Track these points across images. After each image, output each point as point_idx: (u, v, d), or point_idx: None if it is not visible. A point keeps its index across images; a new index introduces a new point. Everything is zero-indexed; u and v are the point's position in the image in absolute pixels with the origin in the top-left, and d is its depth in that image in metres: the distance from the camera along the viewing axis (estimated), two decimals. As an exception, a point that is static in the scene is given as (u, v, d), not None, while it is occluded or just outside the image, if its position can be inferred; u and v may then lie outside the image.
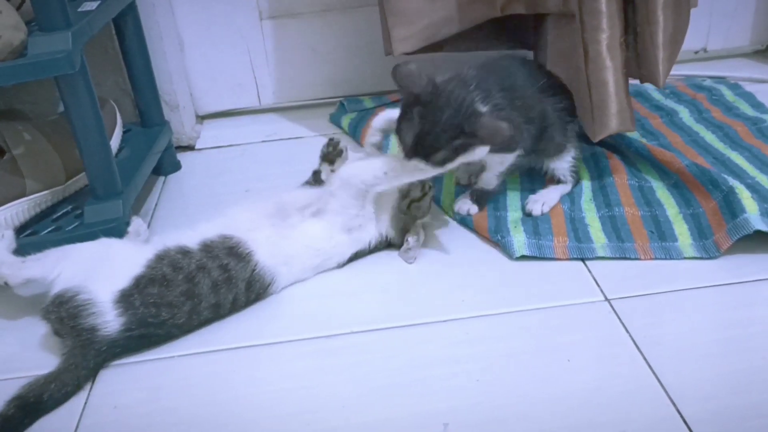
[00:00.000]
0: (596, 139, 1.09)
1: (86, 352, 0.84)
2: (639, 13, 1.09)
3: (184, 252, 0.91)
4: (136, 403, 0.82)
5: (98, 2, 1.08)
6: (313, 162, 1.11)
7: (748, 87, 1.47)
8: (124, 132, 1.27)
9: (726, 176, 1.05)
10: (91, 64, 1.00)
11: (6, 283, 0.91)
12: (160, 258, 0.89)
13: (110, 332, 0.85)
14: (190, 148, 1.47)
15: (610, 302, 0.91)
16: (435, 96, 0.91)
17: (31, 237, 1.03)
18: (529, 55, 1.42)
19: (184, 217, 1.18)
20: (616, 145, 1.24)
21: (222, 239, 0.93)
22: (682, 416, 0.73)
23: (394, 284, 0.99)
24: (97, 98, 1.00)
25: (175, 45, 1.46)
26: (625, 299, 0.91)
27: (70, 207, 1.10)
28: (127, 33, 1.26)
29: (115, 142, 1.19)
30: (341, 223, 1.00)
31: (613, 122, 1.07)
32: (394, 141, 1.32)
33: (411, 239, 1.02)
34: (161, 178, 1.35)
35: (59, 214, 1.09)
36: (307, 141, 1.44)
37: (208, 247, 0.92)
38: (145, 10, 1.32)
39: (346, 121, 1.46)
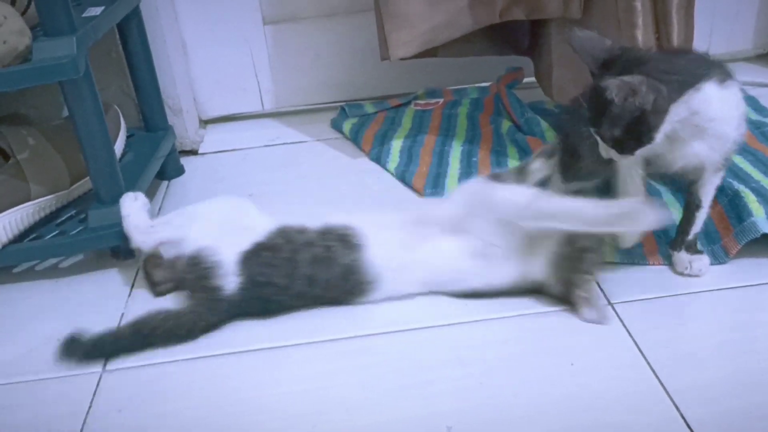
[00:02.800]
0: None
1: (212, 306, 0.90)
2: (656, 13, 1.09)
3: (301, 230, 0.93)
4: (141, 406, 0.82)
5: (102, 7, 1.09)
6: (312, 164, 1.08)
7: (751, 91, 1.46)
8: (128, 137, 1.28)
9: (731, 180, 1.05)
10: (95, 69, 1.00)
11: (139, 249, 0.96)
12: (280, 231, 0.93)
13: (230, 292, 0.90)
14: (194, 152, 1.47)
15: (613, 306, 0.90)
16: (620, 57, 0.83)
17: (35, 241, 1.04)
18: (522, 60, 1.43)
19: (187, 221, 1.18)
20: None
21: (343, 228, 0.93)
22: (685, 420, 0.73)
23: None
24: (101, 103, 1.01)
25: (178, 50, 1.46)
26: (628, 303, 0.91)
27: (74, 211, 1.11)
28: (131, 38, 1.26)
29: (118, 147, 1.20)
30: (474, 248, 0.91)
31: None
32: (395, 147, 1.33)
33: (582, 294, 0.88)
34: (165, 183, 1.35)
35: (63, 218, 1.09)
36: (309, 145, 1.44)
37: (326, 231, 0.93)
38: (149, 14, 1.32)
39: (347, 126, 1.46)
